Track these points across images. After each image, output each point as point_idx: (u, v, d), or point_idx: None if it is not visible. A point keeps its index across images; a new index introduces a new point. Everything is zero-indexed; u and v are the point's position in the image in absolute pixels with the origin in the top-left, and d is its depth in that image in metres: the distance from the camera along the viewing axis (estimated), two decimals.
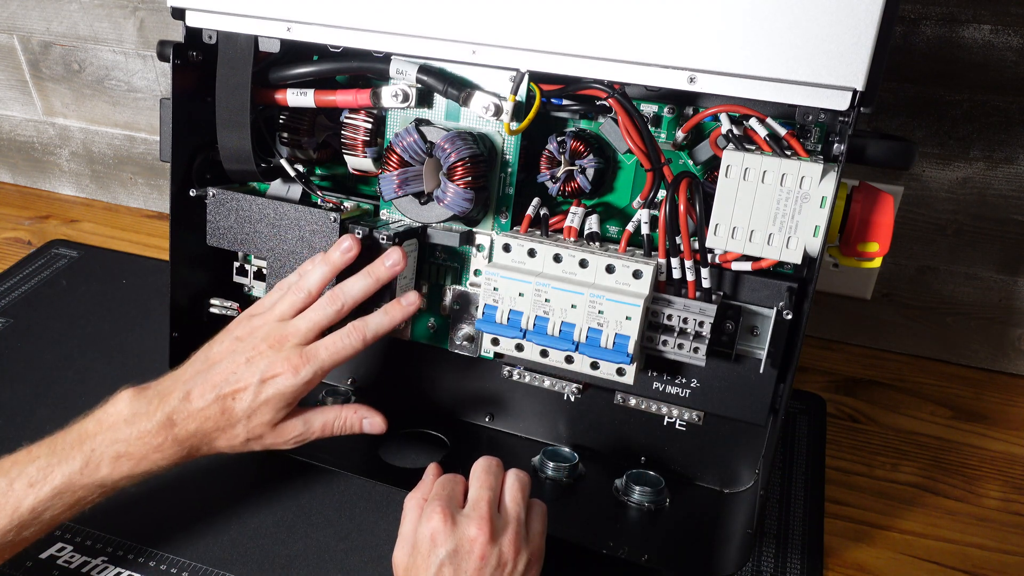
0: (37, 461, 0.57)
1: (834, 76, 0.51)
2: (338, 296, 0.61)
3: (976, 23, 0.77)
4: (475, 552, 0.52)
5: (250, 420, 0.59)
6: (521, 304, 0.62)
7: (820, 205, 0.54)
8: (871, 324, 0.94)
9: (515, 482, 0.58)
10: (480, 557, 0.52)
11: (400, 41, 0.60)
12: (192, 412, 0.58)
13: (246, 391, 0.58)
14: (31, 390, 0.82)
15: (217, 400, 0.58)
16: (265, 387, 0.58)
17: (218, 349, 0.61)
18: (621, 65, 0.56)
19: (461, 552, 0.52)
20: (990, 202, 0.84)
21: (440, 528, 0.53)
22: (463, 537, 0.53)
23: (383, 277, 0.62)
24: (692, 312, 0.60)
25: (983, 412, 0.85)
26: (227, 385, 0.58)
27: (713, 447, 0.68)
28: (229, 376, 0.59)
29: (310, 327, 0.60)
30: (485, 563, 0.52)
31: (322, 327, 0.61)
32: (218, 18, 0.64)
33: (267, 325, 0.61)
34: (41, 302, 0.97)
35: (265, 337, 0.60)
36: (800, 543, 0.67)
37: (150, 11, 1.06)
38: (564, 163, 0.63)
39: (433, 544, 0.52)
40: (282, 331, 0.60)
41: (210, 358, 0.60)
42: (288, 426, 0.61)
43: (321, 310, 0.61)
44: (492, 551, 0.53)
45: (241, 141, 0.66)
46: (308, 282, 0.62)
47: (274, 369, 0.58)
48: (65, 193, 1.27)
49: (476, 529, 0.53)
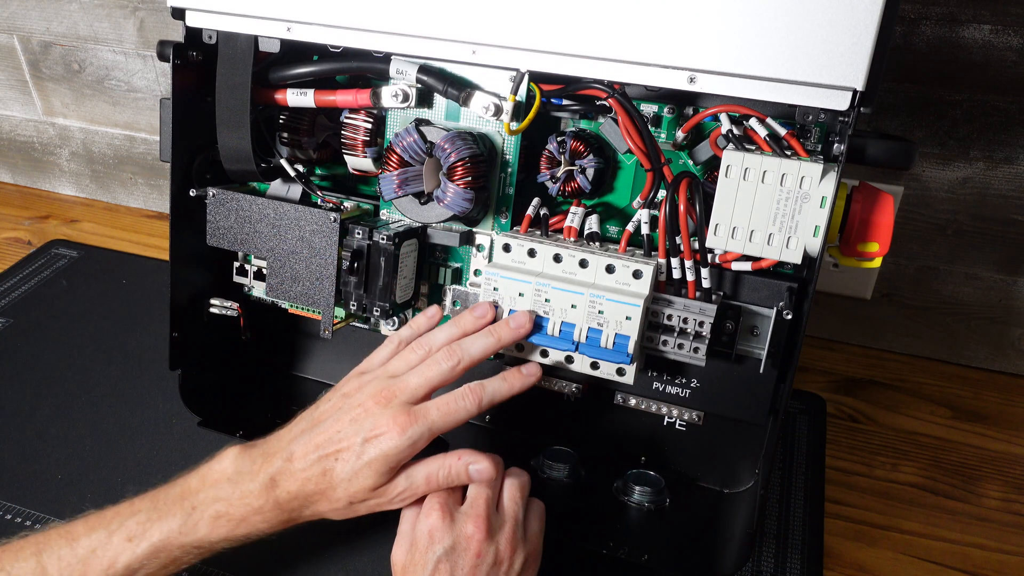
0: (138, 515, 0.55)
1: (834, 76, 0.51)
2: (455, 352, 0.57)
3: (976, 23, 0.77)
4: (471, 549, 0.52)
5: (351, 484, 0.54)
6: (521, 304, 0.62)
7: (820, 205, 0.54)
8: (871, 324, 0.94)
9: (514, 481, 0.58)
10: (476, 555, 0.52)
11: (400, 41, 0.60)
12: (294, 473, 0.55)
13: (348, 451, 0.54)
14: (31, 390, 0.82)
15: (319, 460, 0.54)
16: (368, 447, 0.54)
17: (324, 408, 0.57)
18: (621, 65, 0.56)
19: (458, 549, 0.52)
20: (990, 202, 0.84)
21: (438, 525, 0.53)
22: (460, 534, 0.53)
23: (506, 339, 0.59)
24: (692, 312, 0.60)
25: (983, 412, 0.85)
26: (330, 445, 0.54)
27: (713, 447, 0.68)
28: (332, 436, 0.55)
29: (421, 383, 0.56)
30: (481, 560, 0.52)
31: (434, 385, 0.57)
32: (218, 18, 0.64)
33: (376, 380, 0.57)
34: (41, 302, 0.97)
35: (373, 394, 0.56)
36: (800, 543, 0.68)
37: (150, 11, 1.06)
38: (564, 163, 0.63)
39: (431, 541, 0.52)
40: (391, 387, 0.56)
41: (316, 417, 0.57)
42: (391, 485, 0.55)
43: (436, 365, 0.57)
44: (488, 549, 0.53)
45: (241, 141, 0.66)
46: (432, 340, 0.59)
47: (378, 428, 0.54)
48: (65, 193, 1.27)
49: (473, 527, 0.53)
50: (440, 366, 0.57)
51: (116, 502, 0.58)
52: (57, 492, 0.70)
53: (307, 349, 0.80)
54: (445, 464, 0.56)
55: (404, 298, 0.67)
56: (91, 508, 0.58)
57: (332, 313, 0.66)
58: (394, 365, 0.59)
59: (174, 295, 0.69)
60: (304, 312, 0.72)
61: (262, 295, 0.73)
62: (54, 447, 0.75)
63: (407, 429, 0.54)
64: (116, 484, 0.71)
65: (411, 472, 0.56)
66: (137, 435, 0.76)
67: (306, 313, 0.72)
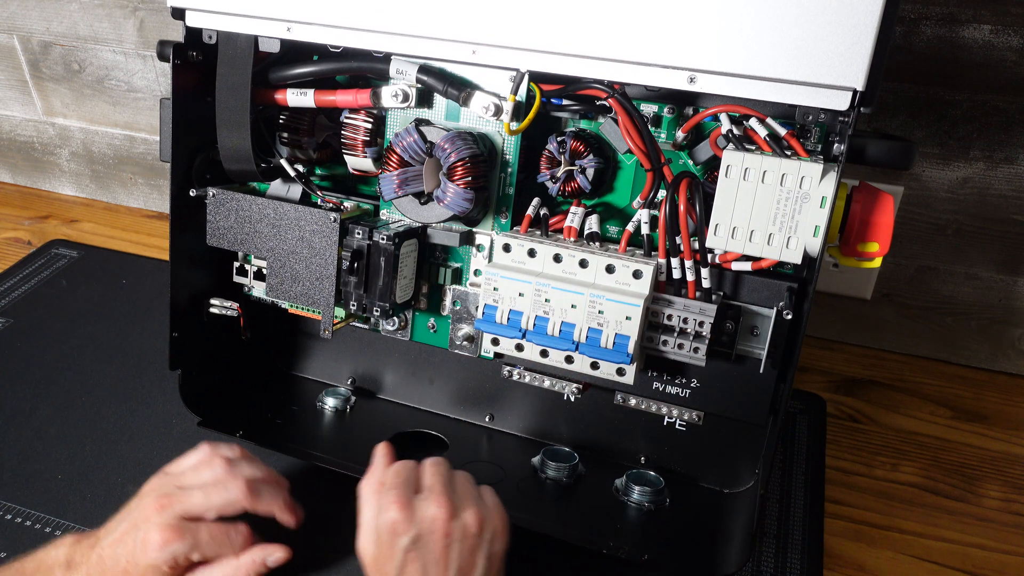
0: None
1: (834, 76, 0.51)
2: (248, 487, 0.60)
3: (976, 23, 0.77)
4: (437, 531, 0.52)
5: None
6: (521, 304, 0.62)
7: (820, 205, 0.54)
8: (871, 324, 0.94)
9: (461, 473, 0.59)
10: (444, 535, 0.52)
11: (400, 41, 0.60)
12: (104, 569, 0.57)
13: (133, 555, 0.57)
14: (31, 390, 0.82)
15: (117, 560, 0.57)
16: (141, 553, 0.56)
17: (128, 504, 0.60)
18: (621, 65, 0.56)
19: (424, 536, 0.52)
20: (990, 202, 0.84)
21: (398, 517, 0.53)
22: (423, 520, 0.53)
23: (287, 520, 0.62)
24: (692, 312, 0.60)
25: (983, 412, 0.85)
26: (121, 546, 0.57)
27: (713, 447, 0.68)
28: (124, 534, 0.57)
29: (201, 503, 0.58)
30: (450, 539, 0.52)
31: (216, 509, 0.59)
32: (218, 18, 0.64)
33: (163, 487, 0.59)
34: (41, 302, 0.97)
35: (155, 500, 0.58)
36: (800, 543, 0.67)
37: (150, 11, 1.06)
38: (564, 163, 0.63)
39: (395, 534, 0.53)
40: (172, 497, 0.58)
41: (120, 514, 0.59)
42: None
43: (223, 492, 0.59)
44: (455, 526, 0.53)
45: (241, 141, 0.66)
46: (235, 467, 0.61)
47: (148, 536, 0.56)
48: (65, 193, 1.27)
49: (436, 507, 0.53)
50: (227, 494, 0.59)
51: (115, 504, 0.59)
52: (57, 492, 0.70)
53: (307, 349, 0.80)
54: (240, 569, 0.59)
55: (404, 298, 0.67)
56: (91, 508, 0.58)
57: (332, 313, 0.66)
58: (188, 476, 0.61)
59: (174, 295, 0.69)
60: (304, 312, 0.72)
61: (262, 295, 0.73)
62: (54, 447, 0.75)
63: (168, 544, 0.56)
64: (116, 484, 0.71)
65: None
66: (137, 435, 0.76)
67: (306, 313, 0.72)
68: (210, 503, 0.59)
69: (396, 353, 0.76)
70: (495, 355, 0.67)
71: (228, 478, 0.60)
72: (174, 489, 0.59)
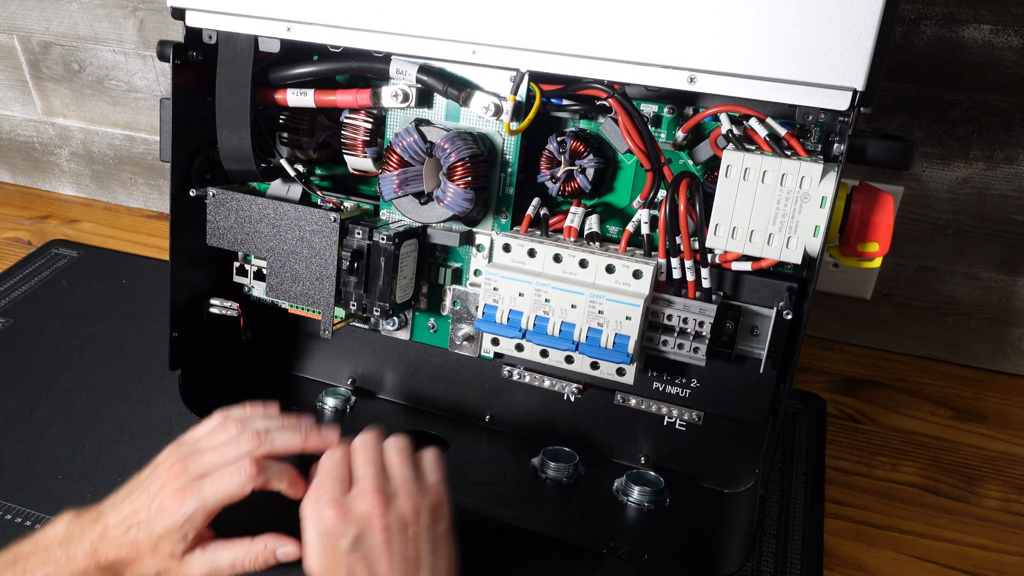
0: None
1: (834, 76, 0.51)
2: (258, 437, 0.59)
3: (976, 23, 0.77)
4: (375, 527, 0.52)
5: (155, 554, 0.56)
6: (521, 304, 0.62)
7: (820, 205, 0.54)
8: (871, 324, 0.94)
9: (392, 447, 0.58)
10: (383, 530, 0.52)
11: (400, 41, 0.60)
12: (110, 540, 0.56)
13: (145, 525, 0.56)
14: (31, 390, 0.82)
15: (127, 531, 0.56)
16: (156, 521, 0.56)
17: (140, 475, 0.59)
18: (621, 65, 0.56)
19: (362, 534, 0.52)
20: (990, 202, 0.84)
21: (334, 522, 0.52)
22: (359, 519, 0.53)
23: (310, 445, 0.60)
24: (692, 312, 0.60)
25: (983, 412, 0.85)
26: (133, 516, 0.56)
27: (713, 447, 0.68)
28: (137, 506, 0.57)
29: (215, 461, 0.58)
30: (389, 534, 0.52)
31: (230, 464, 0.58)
32: (218, 18, 0.64)
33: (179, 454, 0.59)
34: (41, 302, 0.97)
35: (171, 466, 0.58)
36: (800, 543, 0.67)
37: (150, 11, 1.06)
38: (564, 163, 0.63)
39: (334, 539, 0.52)
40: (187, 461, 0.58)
41: (131, 487, 0.59)
42: (195, 561, 0.57)
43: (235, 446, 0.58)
44: (391, 518, 0.53)
45: (241, 141, 0.66)
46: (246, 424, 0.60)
47: (164, 503, 0.56)
48: (65, 193, 1.27)
49: (368, 504, 0.53)
50: (239, 448, 0.58)
51: None
52: (57, 492, 0.70)
53: (307, 349, 0.80)
54: (252, 552, 0.57)
55: (404, 298, 0.67)
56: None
57: (332, 313, 0.66)
58: (203, 441, 0.60)
59: (174, 295, 0.69)
60: (304, 312, 0.72)
61: (262, 295, 0.73)
62: (54, 447, 0.75)
63: (181, 505, 0.55)
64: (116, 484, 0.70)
65: (216, 554, 0.57)
66: (137, 435, 0.76)
67: (306, 313, 0.72)
68: (225, 460, 0.58)
69: (396, 353, 0.76)
70: (495, 355, 0.67)
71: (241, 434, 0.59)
72: (188, 456, 0.58)
